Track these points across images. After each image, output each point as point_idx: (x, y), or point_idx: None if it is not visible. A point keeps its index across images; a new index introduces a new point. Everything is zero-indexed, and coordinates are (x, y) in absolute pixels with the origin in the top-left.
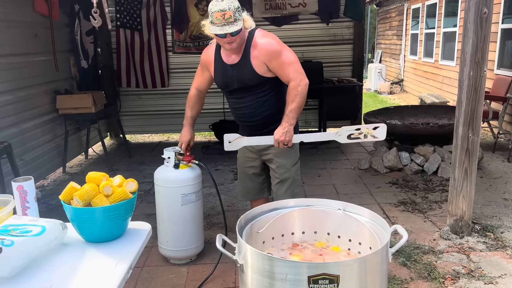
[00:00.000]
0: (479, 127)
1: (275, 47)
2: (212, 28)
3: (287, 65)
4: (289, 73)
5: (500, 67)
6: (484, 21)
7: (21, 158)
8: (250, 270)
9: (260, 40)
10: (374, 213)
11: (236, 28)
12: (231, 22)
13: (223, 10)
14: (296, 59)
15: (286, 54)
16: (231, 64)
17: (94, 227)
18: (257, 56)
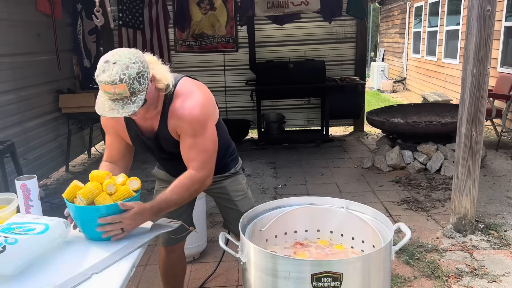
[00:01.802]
0: (483, 125)
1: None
2: (98, 103)
3: (198, 150)
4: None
5: (503, 65)
6: (487, 19)
7: (24, 157)
8: (253, 268)
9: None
10: (377, 211)
11: (132, 108)
12: (125, 98)
13: (112, 83)
14: (212, 149)
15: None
16: (148, 136)
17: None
18: (173, 127)
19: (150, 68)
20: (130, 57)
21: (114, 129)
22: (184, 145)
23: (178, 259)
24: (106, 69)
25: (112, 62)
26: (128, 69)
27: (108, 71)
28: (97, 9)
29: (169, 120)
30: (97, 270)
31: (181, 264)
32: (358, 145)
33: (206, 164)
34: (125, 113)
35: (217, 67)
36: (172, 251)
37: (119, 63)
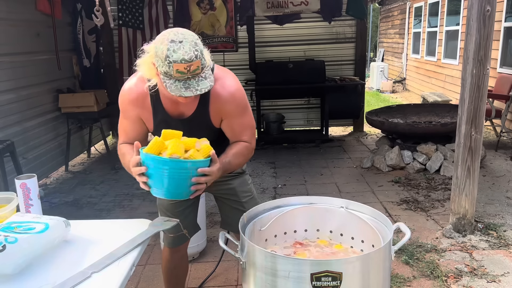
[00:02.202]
0: (482, 125)
1: (241, 100)
2: (171, 85)
3: (249, 127)
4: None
5: (503, 66)
6: (487, 19)
7: (23, 157)
8: (252, 267)
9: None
10: (377, 211)
11: (208, 83)
12: (196, 75)
13: (188, 61)
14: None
15: (249, 114)
16: (180, 119)
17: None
18: (217, 110)
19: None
20: (190, 33)
21: (136, 114)
22: (232, 126)
23: (181, 259)
24: (176, 48)
25: (179, 41)
26: (197, 45)
27: (180, 50)
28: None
29: (211, 104)
30: (97, 269)
31: (184, 264)
32: (357, 145)
33: (253, 136)
34: (204, 89)
35: None
36: (176, 251)
37: (186, 40)
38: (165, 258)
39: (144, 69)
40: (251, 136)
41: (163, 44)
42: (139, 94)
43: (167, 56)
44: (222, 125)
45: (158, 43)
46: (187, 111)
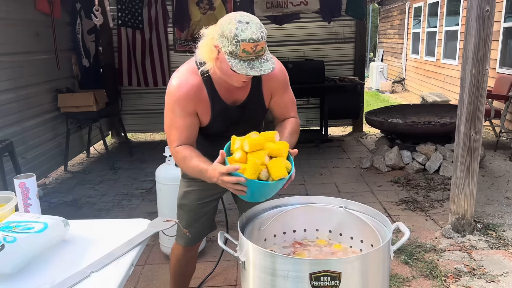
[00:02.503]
0: (481, 125)
1: (285, 75)
2: (236, 65)
3: (292, 102)
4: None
5: (502, 66)
6: (486, 19)
7: (22, 157)
8: (252, 267)
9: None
10: (376, 211)
11: (270, 65)
12: (259, 57)
13: (256, 40)
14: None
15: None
16: (236, 105)
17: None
18: (269, 89)
19: None
20: (254, 16)
21: (193, 109)
22: (282, 102)
23: (192, 258)
24: (244, 28)
25: (246, 22)
26: (262, 27)
27: (249, 30)
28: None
29: (264, 85)
30: (96, 269)
31: (193, 263)
32: (357, 145)
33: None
34: (267, 70)
35: None
36: (189, 250)
37: (253, 22)
38: (176, 256)
39: (203, 52)
40: (296, 111)
41: (230, 24)
42: (194, 87)
43: (235, 35)
44: (271, 104)
45: (224, 24)
46: (241, 97)
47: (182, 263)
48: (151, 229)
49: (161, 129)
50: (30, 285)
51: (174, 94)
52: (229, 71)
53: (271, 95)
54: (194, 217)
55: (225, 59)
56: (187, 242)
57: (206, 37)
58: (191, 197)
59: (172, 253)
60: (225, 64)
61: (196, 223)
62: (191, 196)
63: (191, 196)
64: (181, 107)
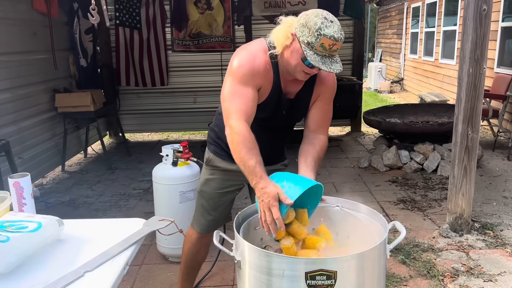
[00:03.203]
0: (479, 124)
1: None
2: (311, 56)
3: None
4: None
5: (500, 66)
6: (483, 18)
7: (19, 157)
8: (247, 266)
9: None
10: (372, 210)
11: (339, 66)
12: (332, 56)
13: (336, 39)
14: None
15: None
16: (290, 98)
17: None
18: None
19: None
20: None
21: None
22: (321, 110)
23: (204, 245)
24: (328, 25)
25: (330, 20)
26: (342, 31)
27: (332, 27)
28: (93, 7)
29: (316, 86)
30: (90, 268)
31: (205, 251)
32: (355, 145)
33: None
34: (337, 70)
35: (214, 67)
36: (204, 237)
37: (336, 23)
38: (190, 240)
39: (278, 36)
40: (328, 129)
41: (317, 17)
42: (268, 63)
43: (319, 28)
44: (311, 108)
45: (311, 15)
46: (294, 91)
47: (193, 249)
48: (147, 228)
49: (159, 129)
50: (23, 284)
51: (248, 63)
52: (297, 61)
53: (316, 99)
54: (214, 205)
55: (298, 48)
56: (202, 228)
57: (284, 23)
58: (213, 185)
59: (186, 237)
60: (296, 53)
61: (214, 212)
62: (213, 184)
63: (213, 184)
64: (252, 77)
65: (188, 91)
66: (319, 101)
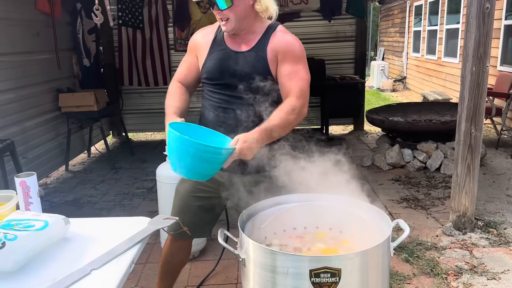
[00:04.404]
0: (482, 122)
1: (298, 49)
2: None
3: (297, 78)
4: (294, 88)
5: (503, 64)
6: (486, 16)
7: (24, 156)
8: (252, 264)
9: (283, 34)
10: (376, 208)
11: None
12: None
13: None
14: (309, 80)
15: (304, 66)
16: (237, 50)
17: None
18: (274, 48)
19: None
20: None
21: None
22: (284, 73)
23: (180, 249)
24: None
25: None
26: None
27: None
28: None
29: (271, 41)
30: (97, 266)
31: (181, 255)
32: (358, 144)
33: (304, 93)
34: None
35: None
36: (175, 241)
37: None
38: (166, 242)
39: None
40: (299, 92)
41: None
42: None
43: None
44: (278, 75)
45: None
46: (245, 48)
47: (167, 251)
48: (151, 226)
49: (162, 128)
50: (31, 282)
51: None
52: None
53: (276, 59)
54: (183, 207)
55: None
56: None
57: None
58: (186, 186)
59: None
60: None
61: (184, 215)
62: (186, 185)
63: (186, 185)
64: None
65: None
66: (281, 65)
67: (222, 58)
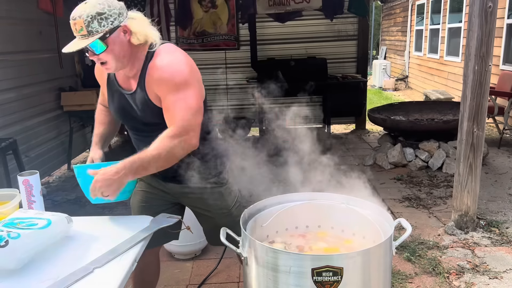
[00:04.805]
0: (484, 122)
1: (177, 74)
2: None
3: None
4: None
5: (505, 63)
6: (489, 15)
7: (26, 155)
8: (254, 263)
9: (158, 63)
10: (378, 207)
11: (81, 44)
12: (84, 36)
13: (73, 19)
14: (197, 108)
15: (189, 93)
16: (127, 91)
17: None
18: (150, 84)
19: (129, 20)
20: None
21: (99, 77)
22: (164, 107)
23: (149, 264)
24: (76, 7)
25: (85, 2)
26: (90, 8)
27: (75, 10)
28: None
29: (147, 77)
30: (99, 264)
31: (152, 269)
32: (359, 143)
33: (187, 122)
34: (75, 48)
35: (218, 65)
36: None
37: (88, 3)
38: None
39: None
40: (181, 122)
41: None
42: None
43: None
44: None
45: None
46: (133, 85)
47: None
48: (154, 225)
49: None
50: (34, 280)
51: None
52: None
53: (157, 95)
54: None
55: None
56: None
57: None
58: (137, 197)
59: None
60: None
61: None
62: (137, 196)
63: (137, 196)
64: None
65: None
66: (162, 99)
67: (119, 103)
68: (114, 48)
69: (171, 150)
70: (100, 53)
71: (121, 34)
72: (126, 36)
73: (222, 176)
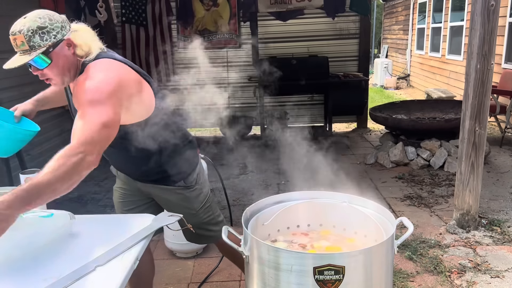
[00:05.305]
0: (486, 120)
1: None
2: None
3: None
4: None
5: (508, 61)
6: (491, 14)
7: (28, 153)
8: (256, 261)
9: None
10: (380, 206)
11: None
12: (25, 51)
13: (12, 34)
14: (101, 124)
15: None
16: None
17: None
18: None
19: (72, 32)
20: (39, 13)
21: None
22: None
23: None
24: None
25: (24, 17)
26: (30, 22)
27: (15, 24)
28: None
29: (75, 88)
30: (101, 263)
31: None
32: (361, 142)
33: (89, 139)
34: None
35: (220, 64)
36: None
37: (28, 17)
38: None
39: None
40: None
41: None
42: None
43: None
44: None
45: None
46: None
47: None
48: (156, 223)
49: None
50: (36, 278)
51: None
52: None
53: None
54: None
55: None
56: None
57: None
58: (116, 194)
59: None
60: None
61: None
62: (116, 193)
63: (116, 194)
64: None
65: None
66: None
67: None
68: (58, 62)
69: (68, 169)
70: (43, 68)
71: (65, 48)
72: (70, 50)
73: (188, 179)
